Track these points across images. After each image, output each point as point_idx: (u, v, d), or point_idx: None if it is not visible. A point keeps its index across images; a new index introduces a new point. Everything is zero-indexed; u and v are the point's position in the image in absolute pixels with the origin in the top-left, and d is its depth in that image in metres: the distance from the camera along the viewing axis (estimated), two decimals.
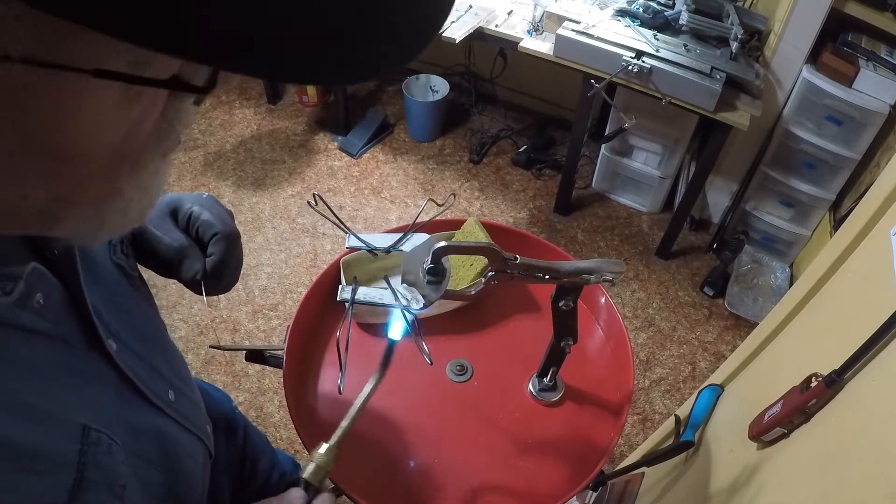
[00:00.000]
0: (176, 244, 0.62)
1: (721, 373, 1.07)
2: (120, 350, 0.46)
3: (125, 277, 0.54)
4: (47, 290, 0.40)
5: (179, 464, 0.52)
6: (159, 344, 0.56)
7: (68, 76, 0.25)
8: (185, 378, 0.60)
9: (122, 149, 0.32)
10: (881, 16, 1.80)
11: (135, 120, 0.31)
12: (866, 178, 1.99)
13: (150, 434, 0.48)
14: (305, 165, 2.65)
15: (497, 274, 0.70)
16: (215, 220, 0.64)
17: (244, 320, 2.09)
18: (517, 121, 2.90)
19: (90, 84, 0.26)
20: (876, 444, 0.59)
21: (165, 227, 0.63)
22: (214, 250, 0.63)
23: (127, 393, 0.47)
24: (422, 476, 0.84)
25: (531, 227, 2.47)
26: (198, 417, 0.60)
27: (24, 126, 0.27)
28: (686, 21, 1.93)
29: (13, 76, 0.24)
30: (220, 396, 0.98)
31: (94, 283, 0.45)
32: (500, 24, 2.07)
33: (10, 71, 0.24)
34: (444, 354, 0.97)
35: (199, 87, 0.30)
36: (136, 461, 0.44)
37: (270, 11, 0.23)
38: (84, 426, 0.39)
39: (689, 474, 1.06)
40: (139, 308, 0.54)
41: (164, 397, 0.52)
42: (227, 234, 0.64)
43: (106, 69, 0.26)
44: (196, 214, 0.64)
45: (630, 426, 1.91)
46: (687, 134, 2.22)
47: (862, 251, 0.78)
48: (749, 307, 2.21)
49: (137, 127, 0.32)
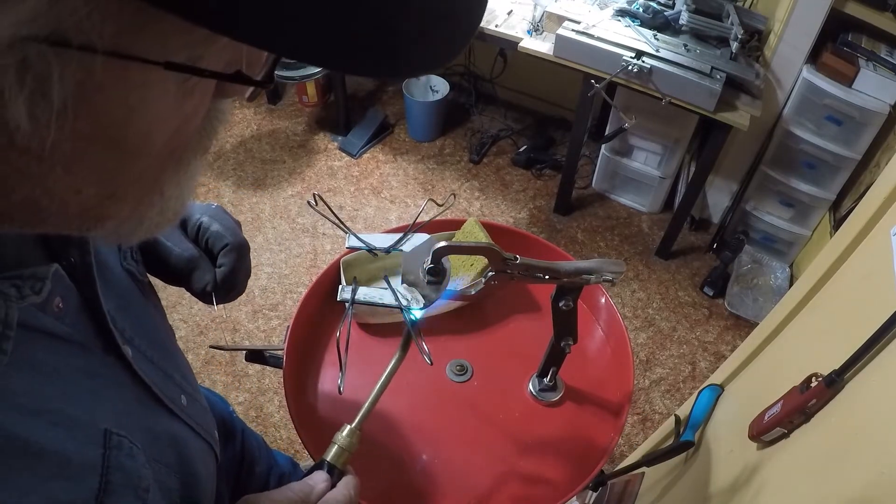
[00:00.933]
0: (186, 255, 0.62)
1: (721, 373, 1.07)
2: (136, 356, 0.46)
3: (136, 284, 0.54)
4: (66, 294, 0.40)
5: (194, 469, 0.52)
6: (169, 350, 0.57)
7: (137, 69, 0.26)
8: (194, 384, 0.60)
9: (172, 143, 0.32)
10: (881, 16, 1.80)
11: (186, 115, 0.32)
12: (866, 178, 1.99)
13: (167, 439, 0.48)
14: (305, 165, 2.65)
15: (497, 274, 0.70)
16: (225, 232, 0.64)
17: (244, 320, 2.09)
18: (517, 121, 2.90)
19: (155, 77, 0.27)
20: (876, 444, 0.59)
21: (175, 237, 0.63)
22: (225, 261, 0.64)
23: (144, 398, 0.47)
24: (422, 476, 0.84)
25: (531, 227, 2.47)
26: (207, 422, 0.60)
27: (90, 120, 0.27)
28: (686, 21, 1.93)
29: (90, 68, 0.25)
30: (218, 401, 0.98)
31: (108, 290, 0.46)
32: (500, 24, 2.07)
33: (89, 63, 0.24)
34: (444, 354, 0.97)
35: (259, 81, 0.31)
36: (156, 466, 0.44)
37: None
38: (106, 430, 0.39)
39: (689, 474, 1.06)
40: (150, 314, 0.54)
41: (178, 402, 0.52)
42: (237, 245, 0.65)
43: (175, 62, 0.26)
44: (206, 225, 0.64)
45: (630, 426, 1.91)
46: (687, 134, 2.22)
47: (862, 251, 0.78)
48: (749, 307, 2.22)
49: (187, 123, 0.32)
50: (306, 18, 0.23)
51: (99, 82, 0.25)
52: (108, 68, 0.25)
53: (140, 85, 0.27)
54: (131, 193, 0.33)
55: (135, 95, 0.27)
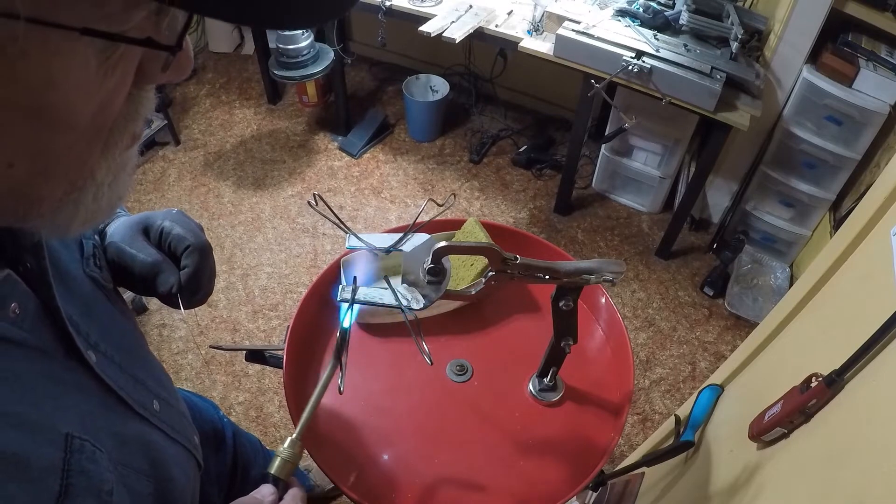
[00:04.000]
0: (150, 259, 0.62)
1: (721, 373, 1.07)
2: (100, 361, 0.46)
3: (100, 289, 0.54)
4: (22, 299, 0.40)
5: (168, 473, 0.52)
6: (140, 355, 0.57)
7: (57, 37, 0.27)
8: (169, 388, 0.60)
9: (98, 121, 0.34)
10: (881, 16, 1.80)
11: (110, 90, 0.33)
12: (866, 178, 1.99)
13: (137, 443, 0.49)
14: (305, 165, 2.65)
15: (497, 274, 0.70)
16: (186, 234, 0.65)
17: (244, 320, 2.09)
18: (517, 121, 2.90)
19: (76, 46, 0.29)
20: (876, 444, 0.59)
21: (138, 244, 0.63)
22: (188, 262, 0.64)
23: (111, 403, 0.47)
24: (422, 476, 0.84)
25: (531, 227, 2.47)
26: (184, 428, 0.60)
27: (14, 88, 0.28)
28: (686, 21, 1.93)
29: (13, 34, 0.26)
30: (205, 405, 0.98)
31: (70, 296, 0.46)
32: (500, 24, 2.07)
33: (12, 28, 0.26)
34: (444, 354, 0.97)
35: (168, 46, 0.33)
36: (124, 470, 0.45)
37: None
38: (67, 434, 0.39)
39: (689, 474, 1.06)
40: (117, 320, 0.55)
41: (150, 407, 0.53)
42: (199, 246, 0.65)
43: (91, 27, 0.28)
44: (168, 230, 0.64)
45: (630, 426, 1.91)
46: (687, 134, 2.22)
47: (862, 251, 0.78)
48: (749, 307, 2.22)
49: (111, 100, 0.34)
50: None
51: (21, 48, 0.27)
52: (30, 35, 0.27)
53: (61, 53, 0.29)
54: (61, 171, 0.34)
55: (56, 63, 0.29)
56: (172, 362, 1.96)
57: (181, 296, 0.64)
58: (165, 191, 2.50)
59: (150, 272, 0.62)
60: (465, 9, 2.09)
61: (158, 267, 0.63)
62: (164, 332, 2.03)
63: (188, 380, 1.92)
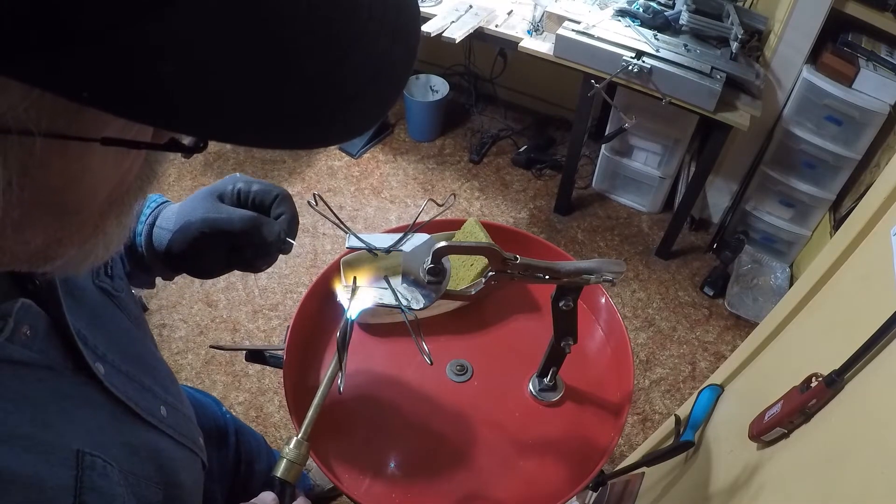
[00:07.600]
0: (248, 213, 0.65)
1: (721, 373, 1.07)
2: (108, 372, 0.47)
3: (110, 299, 0.54)
4: (33, 321, 0.41)
5: (177, 478, 0.52)
6: (147, 362, 0.57)
7: (76, 145, 0.28)
8: (175, 393, 0.61)
9: (113, 195, 0.35)
10: (881, 16, 1.80)
11: (125, 171, 0.34)
12: (866, 178, 1.99)
13: (146, 451, 0.49)
14: (305, 165, 2.65)
15: (497, 274, 0.70)
16: (268, 186, 0.68)
17: (244, 320, 2.09)
18: (517, 121, 2.90)
19: (94, 149, 0.29)
20: (876, 444, 0.59)
21: (224, 209, 0.65)
22: (283, 208, 0.67)
23: (119, 413, 0.47)
24: (422, 476, 0.84)
25: (531, 227, 2.47)
26: (190, 430, 0.60)
27: (35, 190, 0.29)
28: (686, 21, 1.93)
29: (31, 149, 0.27)
30: (207, 402, 0.98)
31: (78, 309, 0.46)
32: (500, 24, 2.07)
33: (29, 145, 0.26)
34: (444, 354, 0.97)
35: (191, 147, 0.33)
36: (135, 480, 0.45)
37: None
38: (78, 451, 0.39)
39: (689, 474, 1.06)
40: (125, 329, 0.55)
41: (157, 414, 0.53)
42: (286, 193, 0.68)
43: (111, 137, 0.29)
44: (245, 188, 0.67)
45: (630, 426, 1.91)
46: (687, 134, 2.22)
47: (862, 251, 0.78)
48: (749, 307, 2.21)
49: (126, 176, 0.35)
50: (234, 104, 0.25)
51: (40, 160, 0.27)
52: (48, 147, 0.27)
53: (80, 157, 0.30)
54: (76, 238, 0.35)
55: (76, 167, 0.30)
56: (172, 362, 1.96)
57: (289, 238, 0.67)
58: (165, 191, 2.50)
59: (253, 225, 0.64)
60: (465, 9, 2.09)
61: (259, 219, 0.65)
62: (164, 332, 2.03)
63: (188, 380, 1.92)
